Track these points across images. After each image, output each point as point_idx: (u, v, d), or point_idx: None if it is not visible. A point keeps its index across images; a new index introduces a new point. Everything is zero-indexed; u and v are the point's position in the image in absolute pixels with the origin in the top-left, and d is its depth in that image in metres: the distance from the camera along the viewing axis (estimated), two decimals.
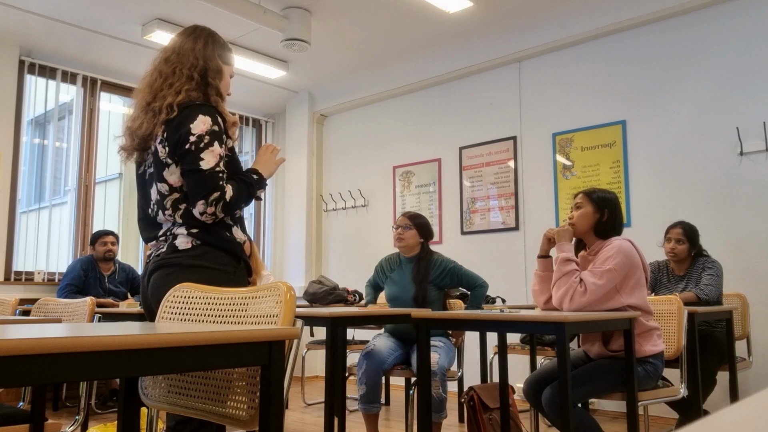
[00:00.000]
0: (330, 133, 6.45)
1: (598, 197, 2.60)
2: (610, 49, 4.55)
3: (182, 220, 1.85)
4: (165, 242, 1.86)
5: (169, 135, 1.82)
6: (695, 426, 0.33)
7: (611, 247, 2.47)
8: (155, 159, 1.87)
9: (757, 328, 3.76)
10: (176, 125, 1.82)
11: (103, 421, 3.90)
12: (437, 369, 2.94)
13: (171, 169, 1.84)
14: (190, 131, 1.80)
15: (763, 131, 3.84)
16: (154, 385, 1.50)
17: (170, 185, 1.84)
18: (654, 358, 2.47)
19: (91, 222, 5.18)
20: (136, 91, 1.95)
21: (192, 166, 1.79)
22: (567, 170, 4.69)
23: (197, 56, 1.92)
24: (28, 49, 4.96)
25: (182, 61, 1.92)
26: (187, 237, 1.83)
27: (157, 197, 1.88)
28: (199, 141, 1.79)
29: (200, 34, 1.98)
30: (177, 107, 1.83)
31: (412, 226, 3.30)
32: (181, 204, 1.85)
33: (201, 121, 1.81)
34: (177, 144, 1.80)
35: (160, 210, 1.88)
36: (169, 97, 1.85)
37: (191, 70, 1.90)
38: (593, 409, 4.28)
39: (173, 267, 1.81)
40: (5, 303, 2.58)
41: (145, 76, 1.95)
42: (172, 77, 1.89)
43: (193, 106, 1.85)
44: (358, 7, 4.46)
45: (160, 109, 1.85)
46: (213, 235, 1.85)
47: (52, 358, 0.88)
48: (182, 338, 1.02)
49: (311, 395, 5.09)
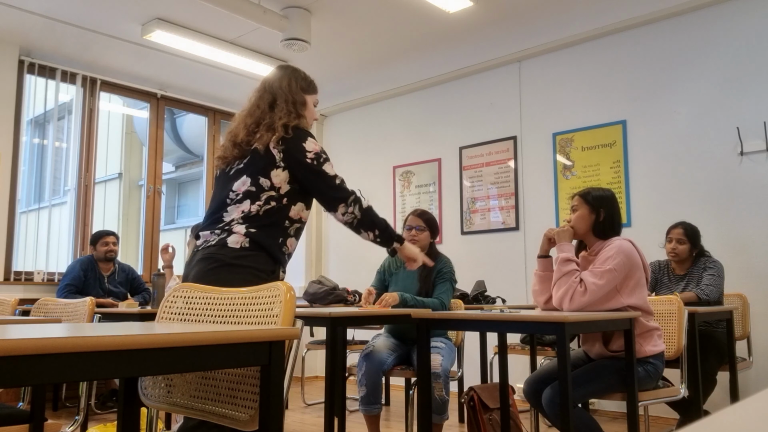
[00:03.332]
0: (330, 133, 6.45)
1: (593, 197, 2.60)
2: (610, 49, 4.55)
3: (248, 219, 2.03)
4: (218, 235, 2.02)
5: (286, 146, 2.09)
6: (695, 426, 0.33)
7: (611, 248, 2.47)
8: (263, 159, 2.08)
9: (758, 328, 3.76)
10: (291, 140, 2.10)
11: (102, 421, 3.90)
12: (440, 371, 2.94)
13: (278, 171, 2.08)
14: (305, 149, 2.11)
15: (763, 131, 3.84)
16: (154, 385, 1.50)
17: (272, 183, 2.07)
18: (654, 358, 2.47)
19: (91, 222, 5.17)
20: (235, 116, 2.26)
21: (322, 177, 2.12)
22: (567, 170, 4.69)
23: (285, 93, 2.20)
24: (28, 49, 4.96)
25: (274, 96, 2.20)
26: (242, 237, 2.00)
27: (251, 188, 2.06)
28: (317, 157, 2.12)
29: (284, 73, 2.26)
30: (288, 127, 2.12)
31: (425, 227, 3.30)
32: (273, 201, 2.06)
33: (312, 142, 2.14)
34: (294, 155, 2.09)
35: (248, 200, 2.05)
36: (284, 119, 2.13)
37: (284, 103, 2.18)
38: (593, 410, 4.28)
39: (216, 262, 1.97)
40: (5, 303, 2.58)
41: (245, 108, 2.24)
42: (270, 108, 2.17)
43: (302, 129, 2.16)
44: (358, 7, 4.46)
45: (268, 125, 2.12)
46: (268, 238, 2.03)
47: (52, 358, 0.88)
48: (182, 338, 1.02)
49: (311, 395, 5.09)
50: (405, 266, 2.54)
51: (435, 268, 3.26)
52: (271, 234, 2.05)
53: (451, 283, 3.26)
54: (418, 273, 3.27)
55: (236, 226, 2.03)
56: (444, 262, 3.30)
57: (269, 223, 2.06)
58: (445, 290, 3.21)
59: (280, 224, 2.09)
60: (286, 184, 2.11)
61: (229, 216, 2.07)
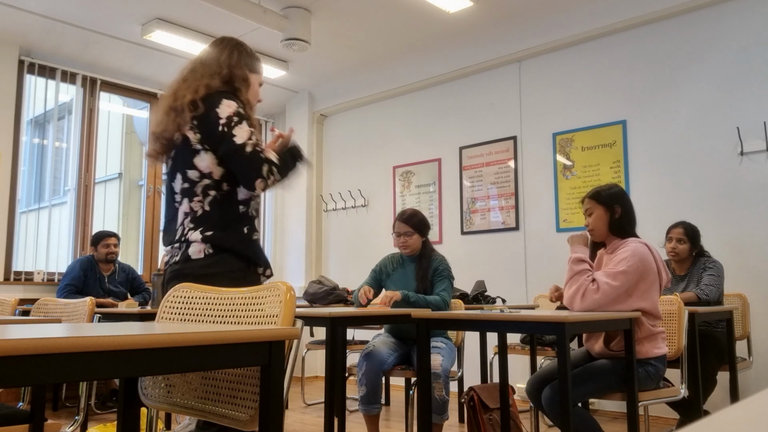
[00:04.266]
0: (330, 133, 6.45)
1: (605, 196, 2.58)
2: (610, 49, 4.55)
3: (198, 221, 1.88)
4: (179, 249, 1.89)
5: (199, 123, 1.88)
6: (695, 426, 0.33)
7: (626, 249, 2.45)
8: (184, 148, 1.90)
9: (758, 328, 3.75)
10: (204, 111, 1.88)
11: (102, 421, 3.90)
12: (440, 371, 2.93)
13: (202, 155, 1.88)
14: (218, 115, 1.86)
15: (763, 131, 3.84)
16: (154, 385, 1.50)
17: (201, 171, 1.88)
18: (656, 360, 2.46)
19: (91, 222, 5.18)
20: (161, 97, 2.04)
21: (229, 147, 1.84)
22: (567, 170, 4.69)
23: (221, 65, 1.98)
24: (28, 49, 4.96)
25: (206, 69, 1.97)
26: (201, 244, 1.86)
27: (185, 186, 1.90)
28: (228, 122, 1.86)
29: (227, 44, 2.05)
30: (201, 102, 1.89)
31: (413, 231, 3.28)
32: (211, 191, 1.88)
33: (226, 105, 1.88)
34: (209, 130, 1.86)
35: (186, 198, 1.90)
36: (189, 95, 1.90)
37: (213, 75, 1.96)
38: (593, 409, 4.28)
39: (185, 278, 1.81)
40: (5, 303, 2.58)
41: (171, 84, 2.02)
42: (193, 81, 1.95)
43: (215, 92, 1.91)
44: (358, 7, 4.46)
45: (181, 106, 1.90)
46: (228, 237, 1.88)
47: (52, 358, 0.88)
48: (182, 338, 1.02)
49: (311, 395, 5.09)
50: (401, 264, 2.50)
51: (431, 266, 3.26)
52: (230, 230, 1.87)
53: (450, 281, 3.27)
54: (414, 272, 3.27)
55: (191, 234, 1.87)
56: (439, 260, 3.29)
57: (222, 218, 1.87)
58: (445, 287, 3.22)
59: (235, 213, 1.90)
60: (216, 167, 1.89)
61: (179, 223, 1.91)
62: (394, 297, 3.03)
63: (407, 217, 3.29)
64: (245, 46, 2.07)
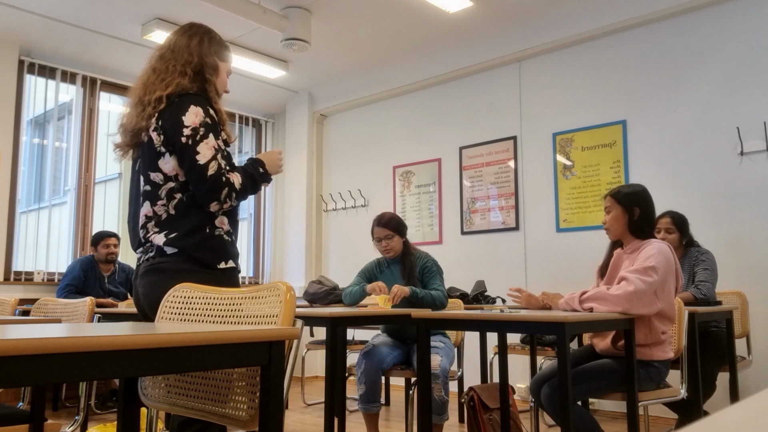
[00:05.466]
0: (330, 133, 6.45)
1: (624, 195, 2.54)
2: (610, 49, 4.55)
3: (162, 225, 1.82)
4: (148, 252, 1.84)
5: (163, 123, 1.81)
6: (695, 426, 0.33)
7: (652, 248, 2.43)
8: (148, 149, 1.85)
9: (757, 329, 3.75)
10: (169, 114, 1.81)
11: (102, 421, 3.90)
12: (439, 372, 2.94)
13: (166, 158, 1.82)
14: (183, 123, 1.78)
15: (763, 131, 3.84)
16: (154, 386, 1.50)
17: (165, 174, 1.82)
18: (660, 363, 2.46)
19: (91, 222, 5.18)
20: (131, 89, 1.96)
21: (191, 165, 1.77)
22: (567, 170, 4.69)
23: (192, 53, 1.92)
24: (28, 49, 4.96)
25: (176, 57, 1.91)
26: (168, 246, 1.79)
27: (147, 188, 1.85)
28: (194, 134, 1.78)
29: (196, 31, 1.98)
30: (167, 98, 1.83)
31: (393, 234, 3.30)
32: (177, 194, 1.82)
33: (193, 113, 1.80)
34: (172, 134, 1.80)
35: (148, 201, 1.84)
36: (159, 91, 1.84)
37: (185, 66, 1.90)
38: (593, 409, 4.28)
39: (162, 273, 1.78)
40: (5, 303, 2.58)
41: (141, 74, 1.96)
42: (165, 73, 1.89)
43: (185, 95, 1.84)
44: (358, 7, 4.46)
45: (149, 101, 1.84)
46: (190, 235, 1.81)
47: (52, 358, 0.88)
48: (182, 338, 1.02)
49: (311, 395, 5.09)
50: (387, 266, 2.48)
51: (417, 264, 3.28)
52: (189, 232, 1.80)
53: (440, 275, 3.30)
54: (399, 273, 3.30)
55: (155, 237, 1.81)
56: (424, 257, 3.32)
57: (186, 219, 1.81)
58: (440, 282, 3.25)
59: (199, 212, 1.82)
60: (181, 170, 1.81)
61: (140, 226, 1.86)
62: (403, 293, 3.04)
63: (386, 221, 3.32)
64: (215, 34, 2.02)
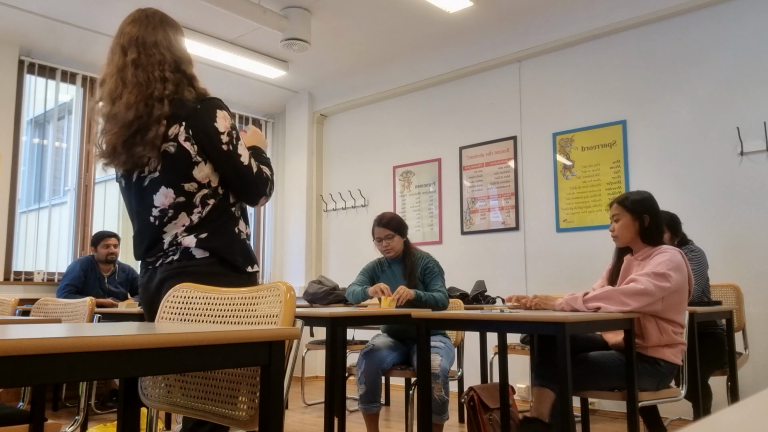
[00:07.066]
0: (330, 133, 6.45)
1: (633, 203, 2.51)
2: (610, 49, 4.55)
3: (192, 228, 1.78)
4: (177, 250, 1.78)
5: (194, 133, 1.76)
6: (695, 426, 0.33)
7: (664, 254, 2.41)
8: (177, 161, 1.76)
9: (757, 329, 3.75)
10: (201, 124, 1.76)
11: (102, 421, 3.90)
12: (439, 371, 2.94)
13: (200, 166, 1.77)
14: (218, 130, 1.77)
15: (763, 131, 3.84)
16: (154, 386, 1.50)
17: (199, 182, 1.77)
18: (666, 364, 2.45)
19: (91, 222, 5.18)
20: (108, 110, 1.80)
21: (237, 169, 1.79)
22: (567, 170, 4.69)
23: (162, 51, 1.81)
24: (28, 49, 4.96)
25: (151, 62, 1.79)
26: (198, 249, 1.77)
27: (179, 201, 1.77)
28: (231, 139, 1.78)
29: (151, 21, 1.85)
30: (201, 104, 1.78)
31: (394, 234, 3.30)
32: (210, 200, 1.79)
33: (222, 117, 1.79)
34: (208, 143, 1.76)
35: (184, 212, 1.77)
36: (158, 108, 1.74)
37: (163, 70, 1.79)
38: (593, 410, 4.28)
39: (193, 276, 1.72)
40: (5, 303, 2.58)
41: (110, 85, 1.82)
42: (147, 84, 1.77)
43: (206, 101, 1.80)
44: (358, 7, 4.46)
45: (158, 119, 1.74)
46: (223, 237, 1.80)
47: (52, 358, 0.88)
48: (182, 338, 1.02)
49: (311, 395, 5.09)
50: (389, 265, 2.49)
51: (418, 264, 3.28)
52: (219, 231, 1.80)
53: (442, 275, 3.30)
54: (400, 273, 3.30)
55: (184, 239, 1.77)
56: (425, 257, 3.32)
57: (217, 222, 1.80)
58: (442, 283, 3.26)
59: (228, 215, 1.84)
60: (214, 175, 1.80)
61: (169, 236, 1.80)
62: (408, 296, 3.04)
63: (387, 221, 3.32)
64: (167, 17, 1.89)
